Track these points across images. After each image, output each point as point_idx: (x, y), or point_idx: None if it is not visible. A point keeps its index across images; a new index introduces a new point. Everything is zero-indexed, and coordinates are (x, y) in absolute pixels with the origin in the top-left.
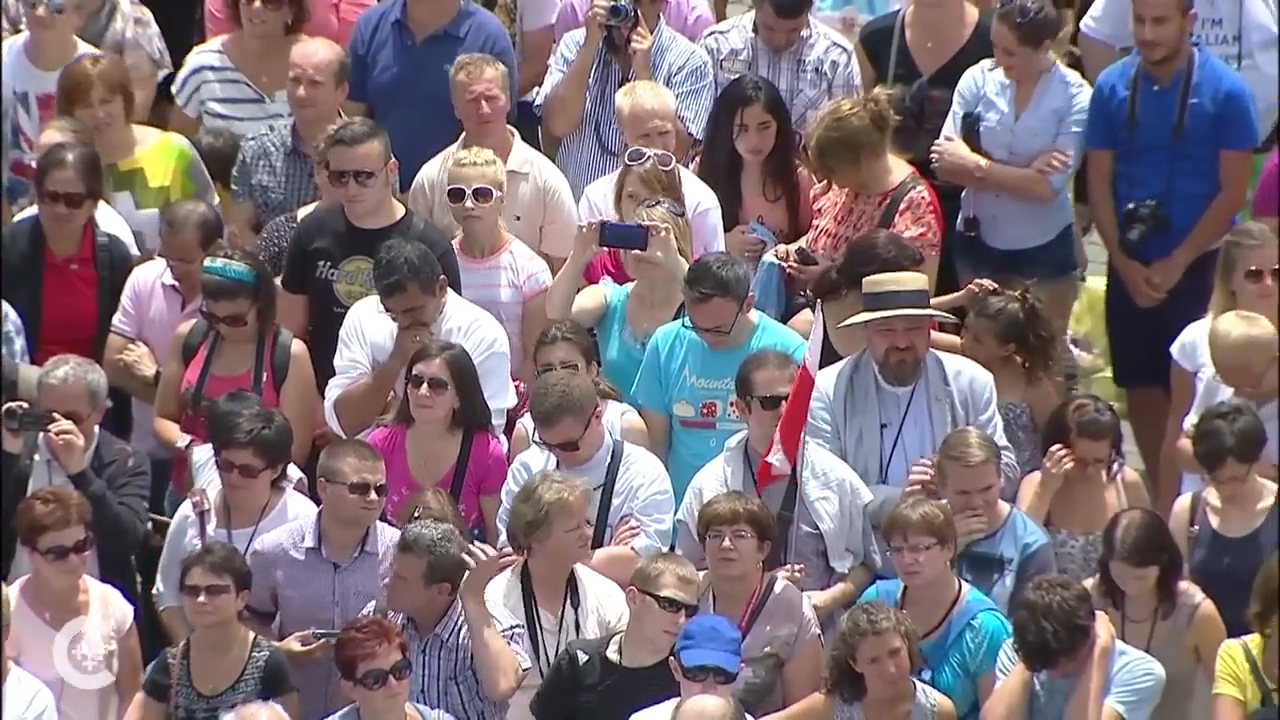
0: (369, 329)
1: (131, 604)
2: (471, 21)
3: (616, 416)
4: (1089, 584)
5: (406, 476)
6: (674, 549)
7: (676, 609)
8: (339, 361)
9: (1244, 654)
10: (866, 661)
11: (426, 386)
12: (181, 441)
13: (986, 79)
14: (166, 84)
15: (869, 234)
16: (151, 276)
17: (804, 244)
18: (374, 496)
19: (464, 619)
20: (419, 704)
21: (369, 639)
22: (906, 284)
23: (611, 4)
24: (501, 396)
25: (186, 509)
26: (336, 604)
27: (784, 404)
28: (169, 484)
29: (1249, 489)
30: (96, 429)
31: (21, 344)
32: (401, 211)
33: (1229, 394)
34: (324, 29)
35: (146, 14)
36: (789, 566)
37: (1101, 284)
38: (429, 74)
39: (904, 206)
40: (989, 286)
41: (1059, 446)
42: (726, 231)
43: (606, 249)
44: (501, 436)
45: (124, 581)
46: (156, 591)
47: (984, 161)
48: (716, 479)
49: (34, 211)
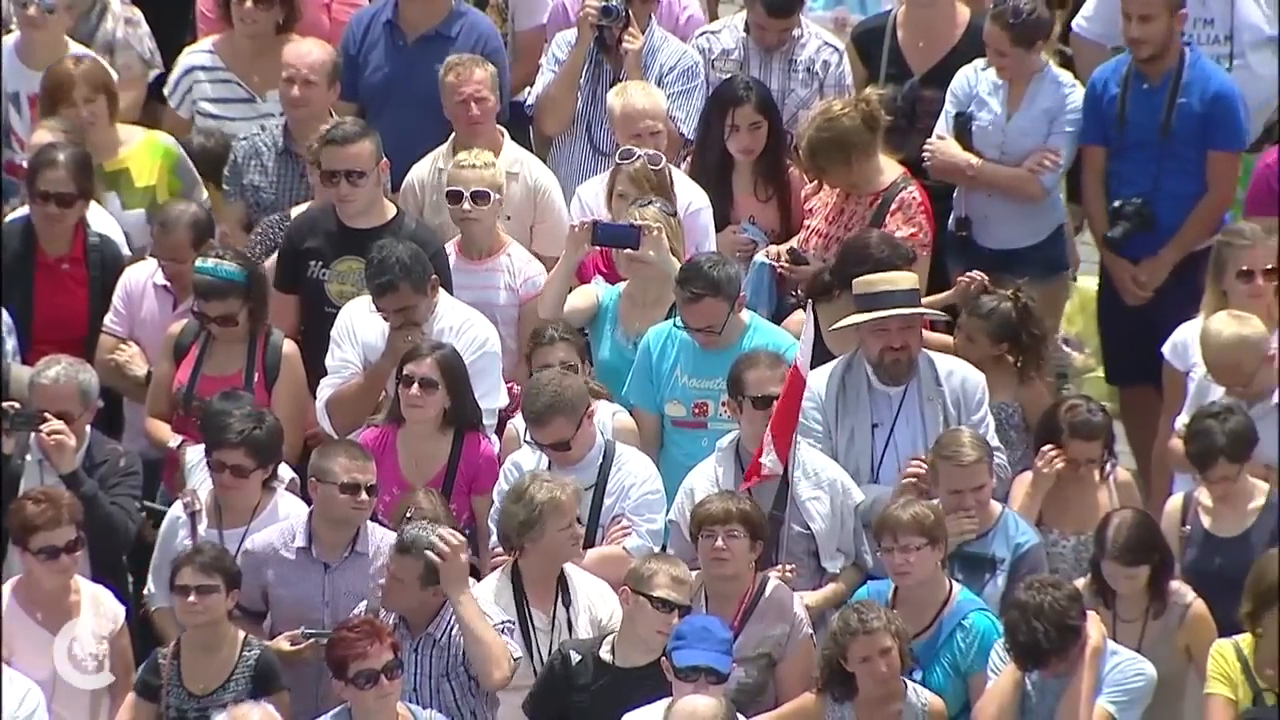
0: (361, 329)
1: (123, 604)
2: (463, 21)
3: (608, 416)
4: (1080, 584)
5: (397, 476)
6: (666, 549)
7: (670, 609)
8: (330, 361)
9: (1235, 653)
10: (857, 661)
11: (417, 386)
12: (173, 441)
13: (979, 78)
14: (158, 84)
15: (861, 234)
16: (143, 276)
17: (795, 244)
18: (364, 497)
19: (455, 617)
20: (411, 703)
21: (361, 639)
22: (899, 283)
23: (603, 4)
24: (493, 396)
25: (177, 509)
26: (326, 604)
27: (775, 404)
28: (160, 484)
29: (1240, 489)
30: (88, 429)
31: (13, 344)
32: (393, 211)
33: (1221, 394)
34: (315, 29)
35: (137, 14)
36: (780, 566)
37: (1093, 284)
38: (420, 74)
39: (895, 207)
40: (980, 279)
41: (1050, 446)
42: (718, 231)
43: (598, 248)
44: (493, 436)
45: (116, 582)
46: (148, 592)
47: (975, 160)
48: (708, 479)
49: (25, 211)
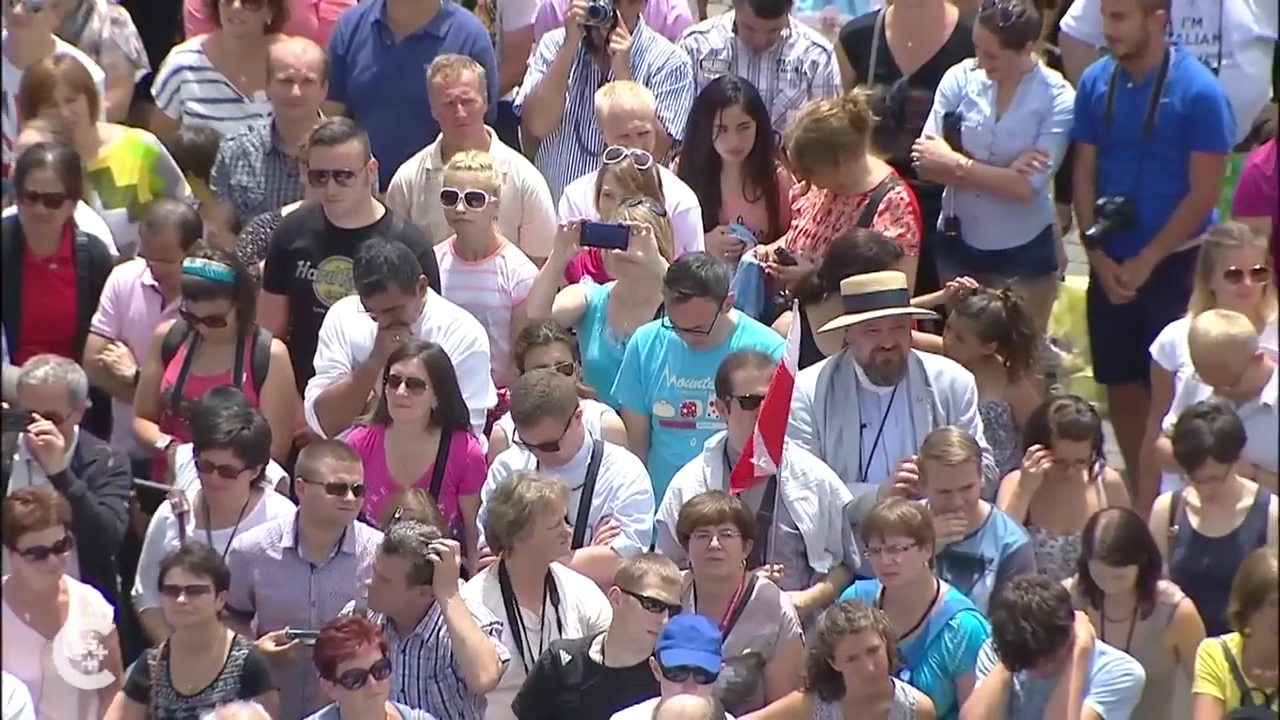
0: (349, 329)
1: (112, 604)
2: (451, 21)
3: (596, 416)
4: (1068, 584)
5: (385, 476)
6: (654, 549)
7: (660, 609)
8: (319, 361)
9: (1223, 653)
10: (845, 660)
11: (404, 386)
12: (161, 442)
13: (968, 79)
14: (145, 84)
15: (848, 234)
16: (131, 276)
17: (783, 244)
18: (351, 497)
19: (443, 618)
20: (399, 703)
21: (349, 639)
22: (888, 283)
23: (591, 4)
24: (481, 396)
25: (166, 510)
26: (313, 604)
27: (762, 404)
28: None
29: (1228, 489)
30: (76, 429)
31: (1, 344)
32: (381, 211)
33: (1209, 393)
34: (303, 28)
35: (123, 14)
36: (768, 566)
37: (1082, 284)
38: (409, 74)
39: (883, 207)
40: (970, 285)
41: (1037, 446)
42: (706, 231)
43: (587, 248)
44: (481, 436)
45: (104, 582)
46: (136, 593)
47: (965, 161)
48: (696, 479)
49: (13, 211)
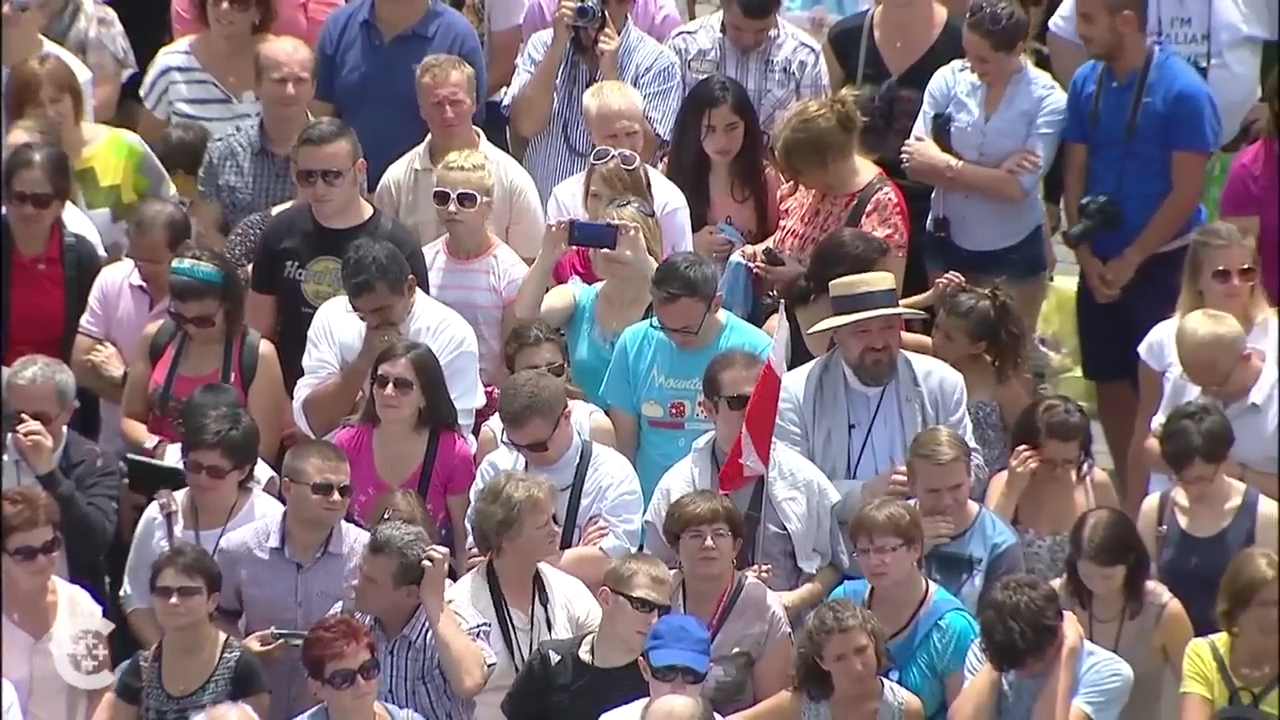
0: (337, 329)
1: (100, 605)
2: (440, 21)
3: (585, 417)
4: (1057, 584)
5: (373, 477)
6: (642, 549)
7: (649, 609)
8: (307, 361)
9: (1211, 653)
10: (833, 659)
11: (392, 386)
12: (149, 442)
13: (957, 80)
14: (132, 84)
15: (834, 234)
16: (119, 277)
17: (771, 244)
18: (337, 497)
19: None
20: (387, 704)
21: (337, 639)
22: (877, 284)
23: (579, 4)
24: (470, 396)
25: (154, 510)
26: (299, 604)
27: (750, 404)
28: None
29: (1216, 489)
30: (65, 429)
31: None
32: (369, 211)
33: (1197, 393)
34: (292, 28)
35: (110, 13)
36: (756, 567)
37: (1070, 283)
38: (397, 74)
39: (871, 208)
40: (958, 281)
41: (1024, 446)
42: (694, 232)
43: (575, 248)
44: (470, 437)
45: (92, 582)
46: (124, 593)
47: (955, 162)
48: (684, 480)
49: (1, 212)
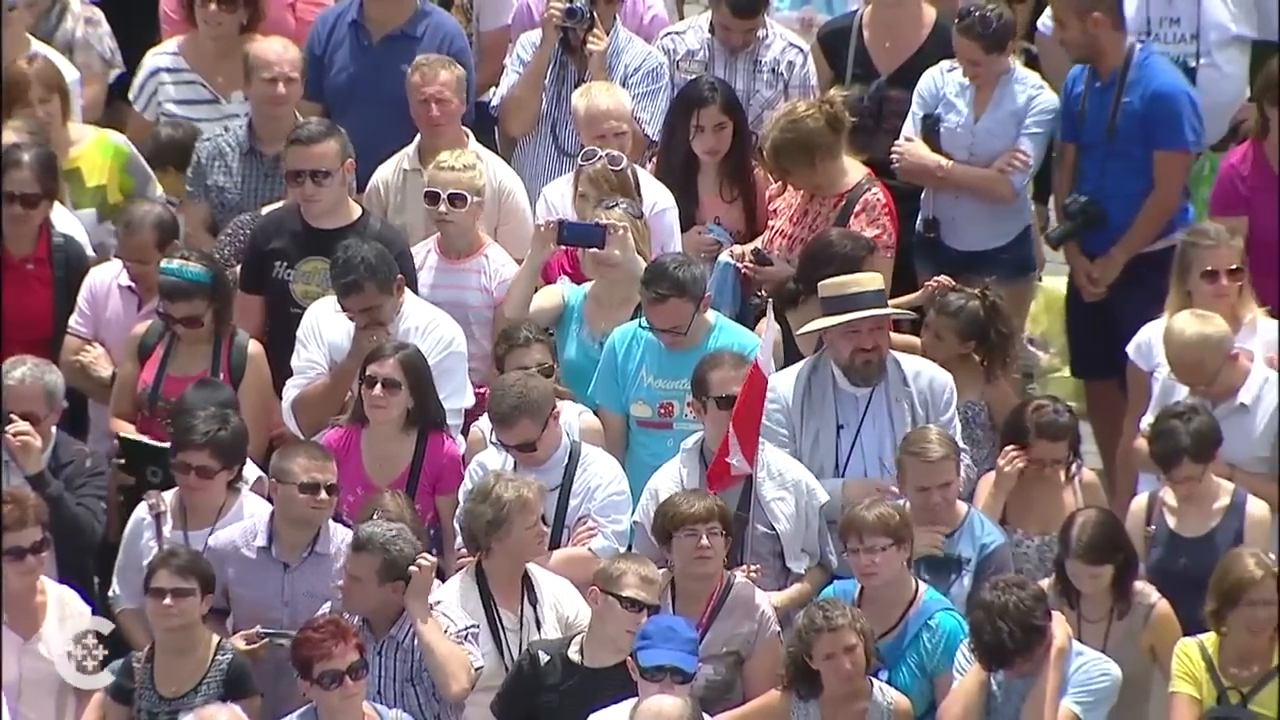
0: (326, 329)
1: (89, 605)
2: (428, 21)
3: (574, 417)
4: (1045, 584)
5: (361, 477)
6: (630, 550)
7: (639, 609)
8: (296, 361)
9: (1200, 652)
10: (822, 658)
11: (380, 387)
12: None
13: (946, 80)
14: (120, 84)
15: (822, 234)
16: (108, 277)
17: (760, 244)
18: (324, 496)
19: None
20: (376, 704)
21: (325, 639)
22: (866, 284)
23: (568, 5)
24: (458, 396)
25: (143, 510)
26: (286, 604)
27: (737, 404)
28: None
29: (1205, 489)
30: (54, 430)
31: None
32: (358, 212)
33: (1185, 393)
34: (280, 28)
35: (97, 14)
36: (745, 567)
37: (1059, 284)
38: (386, 74)
39: (859, 208)
40: (948, 283)
41: (1012, 446)
42: (683, 232)
43: (564, 248)
44: (459, 437)
45: (81, 583)
46: (113, 594)
47: (945, 162)
48: (672, 480)
49: None
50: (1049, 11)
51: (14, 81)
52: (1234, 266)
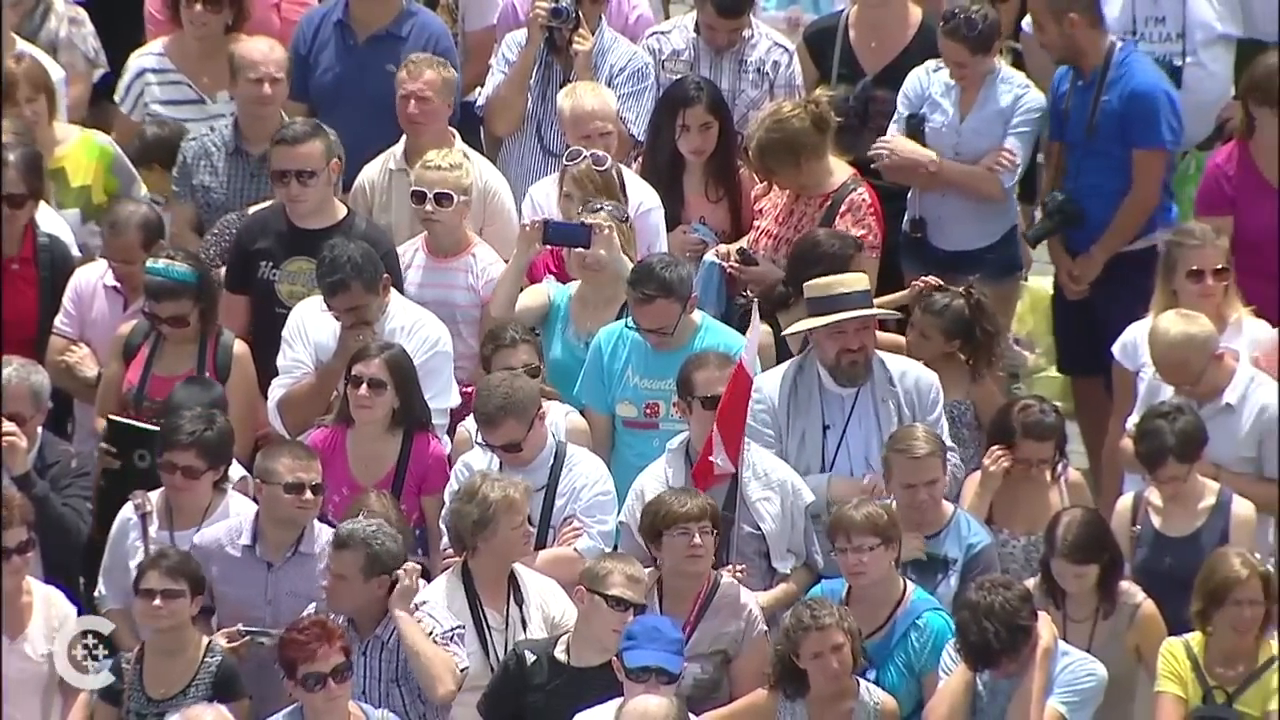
0: (312, 329)
1: (74, 605)
2: (414, 21)
3: (560, 417)
4: (1030, 584)
5: (347, 477)
6: (616, 550)
7: (625, 608)
8: (282, 361)
9: (1185, 652)
10: (809, 657)
11: (365, 387)
12: None
13: (931, 80)
14: (104, 84)
15: (809, 234)
16: (93, 278)
17: (745, 244)
18: (309, 496)
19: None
20: (362, 703)
21: (310, 641)
22: (852, 285)
23: (553, 5)
24: (444, 396)
25: (129, 511)
26: (269, 603)
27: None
28: None
29: (1190, 489)
30: (40, 430)
31: None
32: (344, 212)
33: (1171, 393)
34: (265, 28)
35: (81, 13)
36: (730, 567)
37: (1045, 283)
38: (371, 74)
39: (845, 208)
40: (934, 283)
41: (997, 446)
42: (668, 231)
43: (549, 248)
44: (444, 437)
45: (67, 583)
46: (98, 594)
47: (935, 157)
48: (658, 480)
49: None
50: None
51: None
52: (1219, 266)
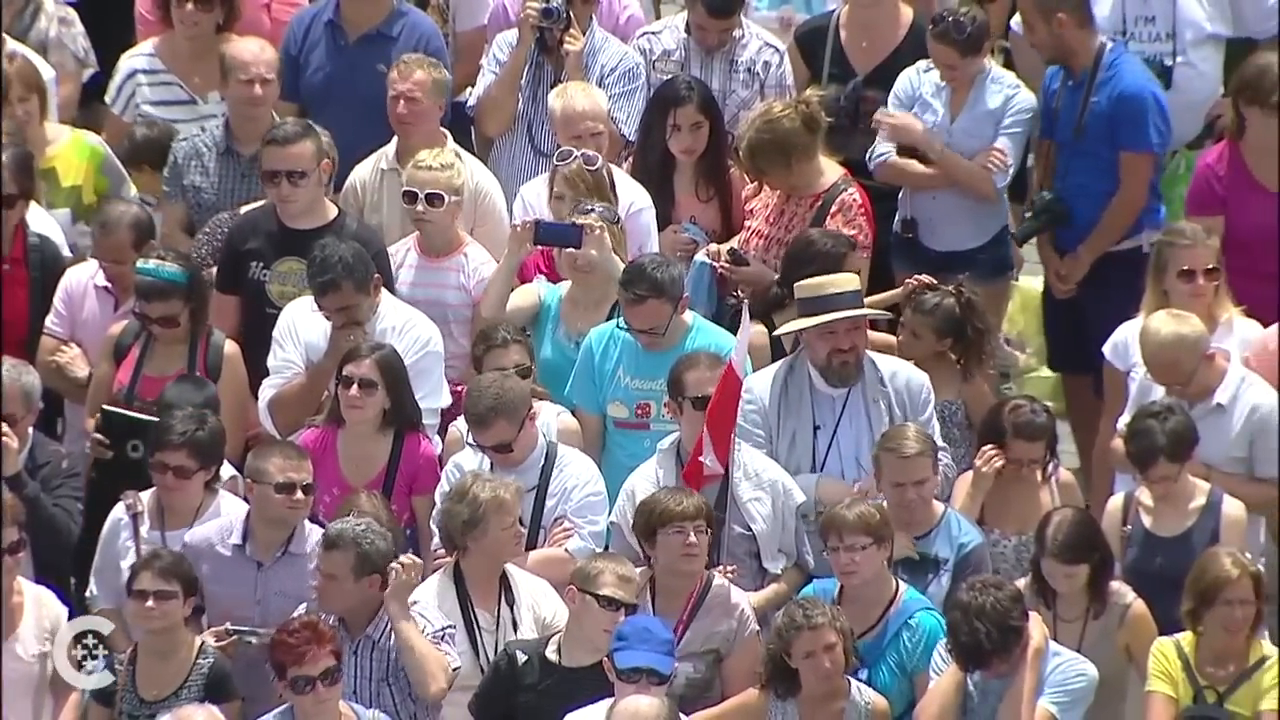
0: (303, 329)
1: (65, 605)
2: (404, 21)
3: (552, 417)
4: (1021, 584)
5: (338, 477)
6: (607, 550)
7: (616, 608)
8: (273, 361)
9: (1176, 652)
10: (801, 656)
11: (356, 387)
12: None
13: (922, 80)
14: (94, 84)
15: (802, 234)
16: (84, 278)
17: (736, 244)
18: (300, 496)
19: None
20: (353, 703)
21: (300, 644)
22: (843, 285)
23: (544, 5)
24: (435, 396)
25: (120, 511)
26: (258, 603)
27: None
28: None
29: (1181, 488)
30: (30, 430)
31: None
32: (334, 212)
33: (1162, 393)
34: (255, 28)
35: (71, 13)
36: (721, 567)
37: (1035, 283)
38: (362, 74)
39: (835, 209)
40: (928, 281)
41: (990, 446)
42: (659, 231)
43: (540, 248)
44: (435, 437)
45: (58, 583)
46: (90, 593)
47: (939, 144)
48: (649, 480)
49: None
50: None
51: None
52: (1210, 266)
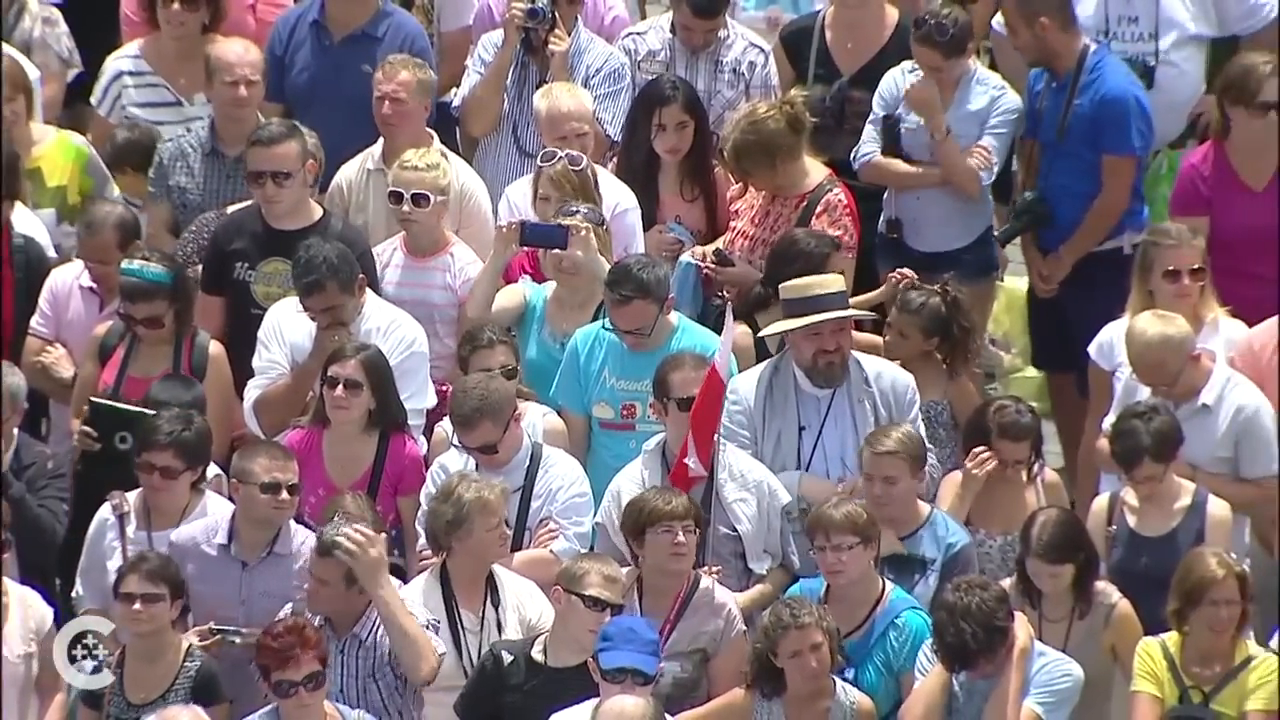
0: (288, 329)
1: (51, 605)
2: (390, 22)
3: (538, 418)
4: (1007, 584)
5: (323, 478)
6: (592, 551)
7: (602, 608)
8: (258, 362)
9: (1161, 652)
10: (787, 656)
11: (341, 388)
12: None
13: (907, 81)
14: (79, 85)
15: (787, 234)
16: (69, 278)
17: (721, 245)
18: (285, 496)
19: (378, 613)
20: (339, 703)
21: (284, 648)
22: (829, 286)
23: (529, 6)
24: (420, 397)
25: (106, 511)
26: (242, 602)
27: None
28: None
29: (1166, 488)
30: (15, 431)
31: None
32: (320, 213)
33: (1148, 393)
34: (240, 29)
35: (55, 14)
36: (706, 568)
37: (1020, 283)
38: (347, 74)
39: (821, 209)
40: (910, 275)
41: (982, 448)
42: (644, 231)
43: (525, 249)
44: (420, 438)
45: (43, 584)
46: (76, 594)
47: (945, 126)
48: (634, 481)
49: None
50: None
51: None
52: (1196, 266)
